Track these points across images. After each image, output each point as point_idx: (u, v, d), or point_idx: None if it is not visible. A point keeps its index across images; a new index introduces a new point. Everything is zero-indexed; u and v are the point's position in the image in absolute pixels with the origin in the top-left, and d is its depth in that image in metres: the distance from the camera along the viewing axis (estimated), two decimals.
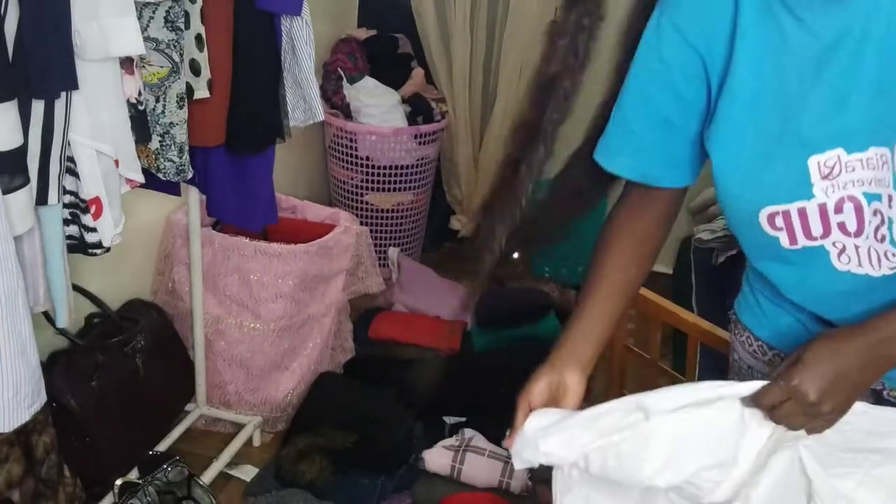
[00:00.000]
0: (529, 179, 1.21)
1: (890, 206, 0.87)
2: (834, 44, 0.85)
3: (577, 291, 1.10)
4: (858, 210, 0.89)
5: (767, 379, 0.88)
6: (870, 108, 0.85)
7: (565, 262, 3.18)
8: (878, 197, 0.87)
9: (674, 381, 1.67)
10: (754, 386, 0.87)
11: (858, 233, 0.90)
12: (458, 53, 3.26)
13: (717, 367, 1.51)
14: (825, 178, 0.88)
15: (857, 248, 0.91)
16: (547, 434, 0.92)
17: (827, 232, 0.91)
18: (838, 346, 0.85)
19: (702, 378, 1.49)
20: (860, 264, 0.92)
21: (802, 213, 0.90)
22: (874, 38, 0.83)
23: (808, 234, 0.92)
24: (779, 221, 0.92)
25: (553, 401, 0.99)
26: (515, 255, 3.61)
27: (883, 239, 0.89)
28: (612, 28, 1.13)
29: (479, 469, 2.13)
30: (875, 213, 0.88)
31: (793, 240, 0.93)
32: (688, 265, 2.79)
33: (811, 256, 0.93)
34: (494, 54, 3.33)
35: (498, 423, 2.24)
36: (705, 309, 2.39)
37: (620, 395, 1.58)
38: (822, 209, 0.89)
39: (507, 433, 0.98)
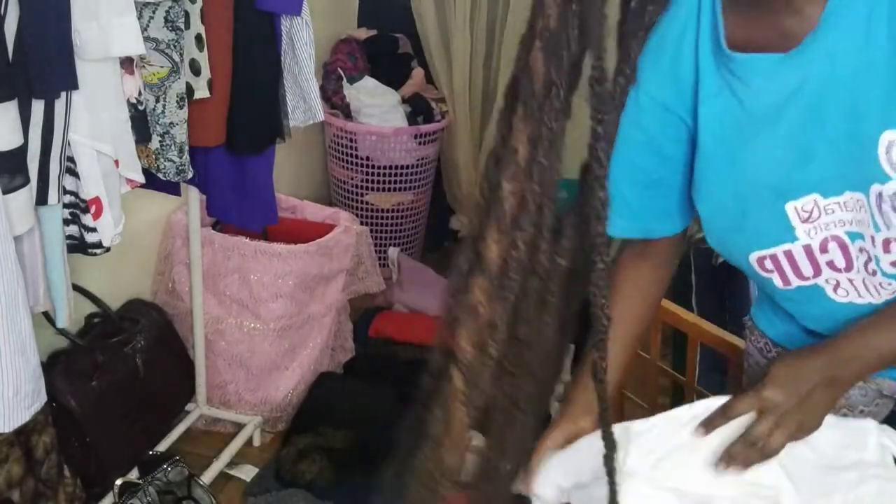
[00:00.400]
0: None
1: (874, 245, 0.87)
2: (788, 100, 0.86)
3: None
4: (844, 248, 0.89)
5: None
6: (837, 157, 0.85)
7: None
8: (860, 236, 0.88)
9: (674, 381, 1.67)
10: (722, 400, 0.88)
11: (848, 268, 0.91)
12: (458, 53, 3.25)
13: (718, 367, 1.51)
14: (805, 221, 0.89)
15: (851, 281, 0.92)
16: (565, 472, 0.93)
17: (817, 271, 0.92)
18: (800, 365, 0.86)
19: (702, 378, 1.50)
20: (860, 295, 0.93)
21: (789, 255, 0.92)
22: (833, 90, 0.83)
23: (798, 274, 0.93)
24: (768, 264, 0.94)
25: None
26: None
27: (874, 273, 0.90)
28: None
29: None
30: (861, 250, 0.89)
31: (785, 281, 0.95)
32: (688, 265, 2.78)
33: (809, 294, 0.95)
34: (494, 54, 3.33)
35: None
36: (705, 309, 2.39)
37: (620, 395, 1.57)
38: (808, 250, 0.90)
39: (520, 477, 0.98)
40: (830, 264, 0.91)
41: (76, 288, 1.72)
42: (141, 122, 1.50)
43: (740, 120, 0.90)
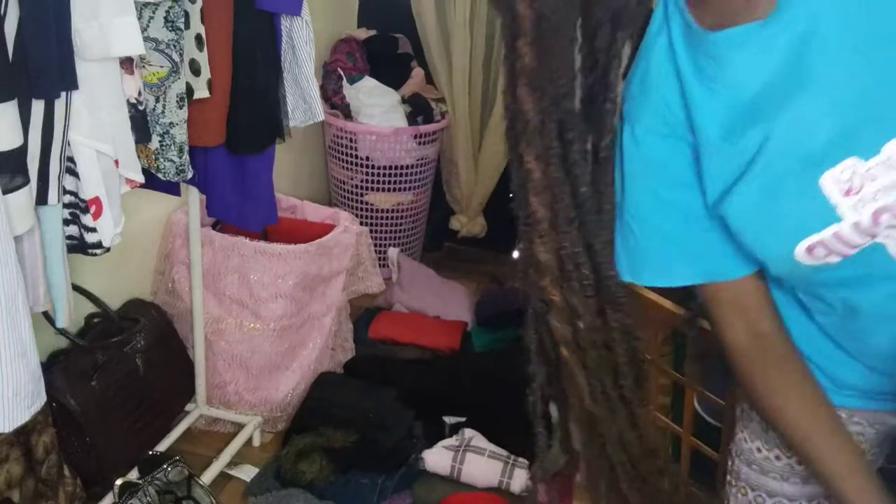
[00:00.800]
0: None
1: None
2: (783, 67, 0.79)
3: None
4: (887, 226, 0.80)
5: None
6: (862, 103, 0.77)
7: None
8: None
9: (674, 381, 1.67)
10: None
11: None
12: (458, 53, 3.25)
13: (718, 367, 1.51)
14: (847, 194, 0.80)
15: None
16: None
17: (875, 233, 0.82)
18: None
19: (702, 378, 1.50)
20: None
21: (839, 237, 0.82)
22: (833, 35, 0.76)
23: (854, 245, 0.83)
24: (819, 252, 0.83)
25: None
26: (516, 255, 3.61)
27: None
28: None
29: (479, 469, 2.13)
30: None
31: (843, 254, 0.84)
32: None
33: (868, 261, 0.84)
34: (494, 54, 3.33)
35: (498, 423, 2.25)
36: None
37: None
38: (859, 226, 0.81)
39: None
40: (884, 220, 0.80)
41: (76, 288, 1.72)
42: (141, 122, 1.50)
43: (737, 107, 0.84)
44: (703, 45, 0.83)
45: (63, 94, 1.29)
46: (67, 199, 1.40)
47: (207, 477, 2.01)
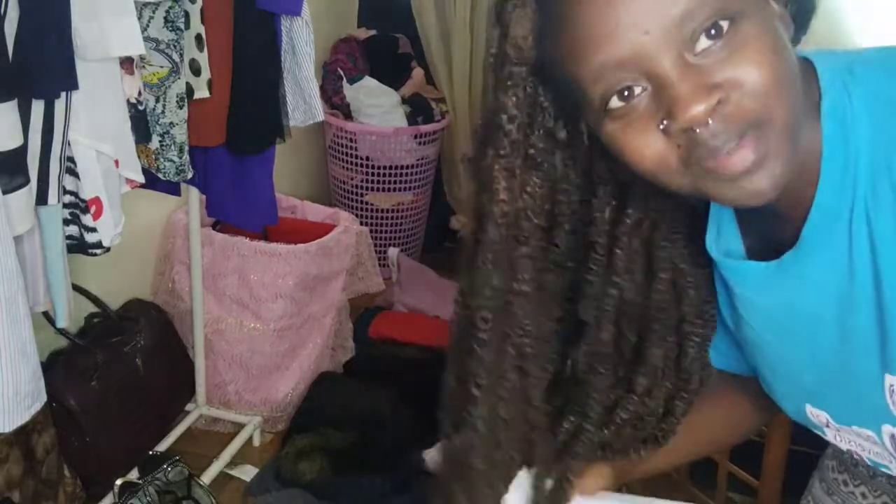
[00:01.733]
0: None
1: None
2: (781, 316, 0.75)
3: None
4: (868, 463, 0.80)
5: None
6: (839, 390, 0.75)
7: None
8: (884, 466, 0.78)
9: None
10: None
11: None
12: (458, 53, 3.26)
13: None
14: (827, 426, 0.79)
15: None
16: None
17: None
18: None
19: None
20: None
21: (829, 430, 0.81)
22: (824, 322, 0.72)
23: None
24: (817, 420, 0.82)
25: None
26: None
27: None
28: None
29: None
30: (889, 478, 0.81)
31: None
32: None
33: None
34: None
35: None
36: None
37: None
38: (837, 447, 0.81)
39: None
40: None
41: (76, 288, 1.72)
42: (141, 122, 1.50)
43: (741, 324, 0.81)
44: (719, 263, 0.77)
45: (63, 94, 1.29)
46: (67, 199, 1.40)
47: (207, 477, 2.00)
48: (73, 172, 1.39)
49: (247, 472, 2.16)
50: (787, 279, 0.72)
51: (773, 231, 0.73)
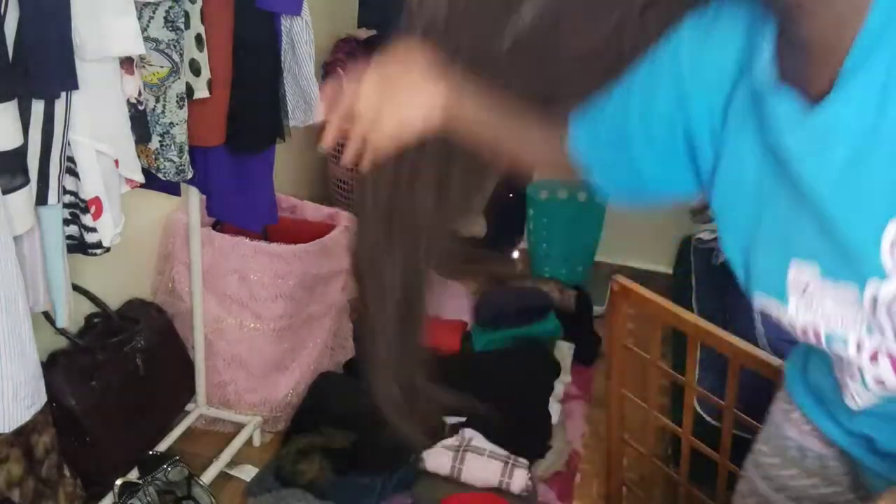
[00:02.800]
0: None
1: (858, 352, 0.75)
2: (802, 156, 0.74)
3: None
4: (819, 345, 0.79)
5: None
6: (836, 236, 0.73)
7: (565, 262, 3.18)
8: (840, 340, 0.76)
9: (674, 381, 1.67)
10: None
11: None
12: None
13: (717, 367, 1.51)
14: (800, 293, 0.78)
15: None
16: None
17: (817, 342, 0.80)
18: None
19: (701, 378, 1.50)
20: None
21: (780, 318, 0.81)
22: (838, 163, 0.71)
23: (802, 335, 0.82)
24: (769, 311, 0.83)
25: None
26: (515, 255, 3.61)
27: (853, 378, 0.79)
28: None
29: (479, 469, 2.13)
30: (837, 357, 0.79)
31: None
32: (688, 265, 2.79)
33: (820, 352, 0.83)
34: None
35: (498, 422, 2.25)
36: (705, 309, 2.40)
37: (620, 395, 1.57)
38: (792, 325, 0.80)
39: None
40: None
41: (76, 288, 1.72)
42: (141, 122, 1.50)
43: (760, 162, 0.80)
44: (760, 92, 0.77)
45: (63, 94, 1.29)
46: (67, 199, 1.40)
47: (207, 477, 2.01)
48: (73, 172, 1.39)
49: (247, 472, 2.16)
50: (818, 120, 0.71)
51: (807, 77, 0.73)
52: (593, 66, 0.85)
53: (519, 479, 2.11)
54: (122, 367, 1.93)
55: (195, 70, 1.64)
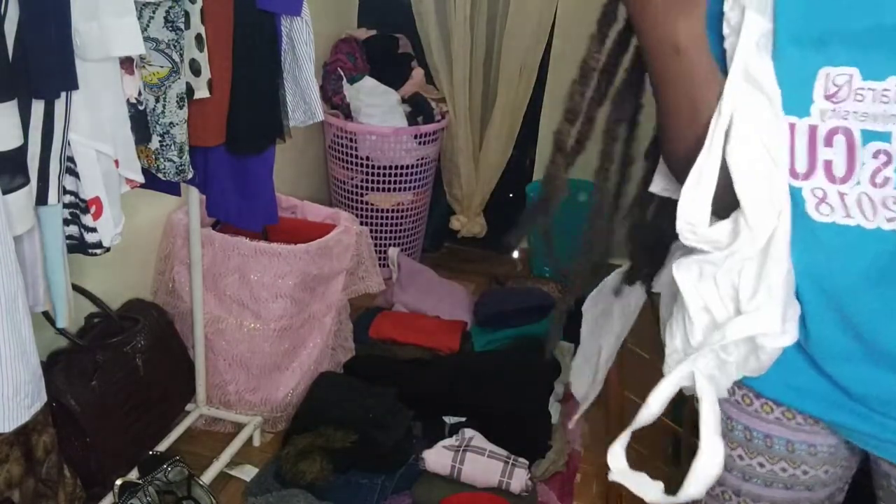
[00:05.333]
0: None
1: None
2: None
3: None
4: (851, 149, 0.80)
5: None
6: (885, 30, 0.75)
7: (566, 262, 3.18)
8: (881, 136, 0.78)
9: None
10: None
11: (845, 179, 0.81)
12: (458, 53, 3.26)
13: None
14: (828, 97, 0.79)
15: (841, 196, 0.82)
16: None
17: (812, 170, 0.82)
18: None
19: None
20: (847, 215, 0.83)
21: (791, 131, 0.82)
22: None
23: (791, 169, 0.83)
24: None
25: None
26: (515, 255, 3.61)
27: (884, 183, 0.80)
28: None
29: (479, 469, 2.13)
30: (876, 154, 0.79)
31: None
32: None
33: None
34: (494, 54, 3.33)
35: (498, 422, 2.25)
36: None
37: (620, 394, 1.58)
38: (812, 134, 0.81)
39: None
40: (827, 167, 0.81)
41: (76, 288, 1.72)
42: (141, 122, 1.50)
43: None
44: None
45: (63, 94, 1.29)
46: (67, 199, 1.40)
47: (207, 477, 2.01)
48: (73, 172, 1.39)
49: (247, 472, 2.16)
50: None
51: None
52: None
53: (519, 479, 2.11)
54: (122, 368, 1.93)
55: (195, 70, 1.64)
